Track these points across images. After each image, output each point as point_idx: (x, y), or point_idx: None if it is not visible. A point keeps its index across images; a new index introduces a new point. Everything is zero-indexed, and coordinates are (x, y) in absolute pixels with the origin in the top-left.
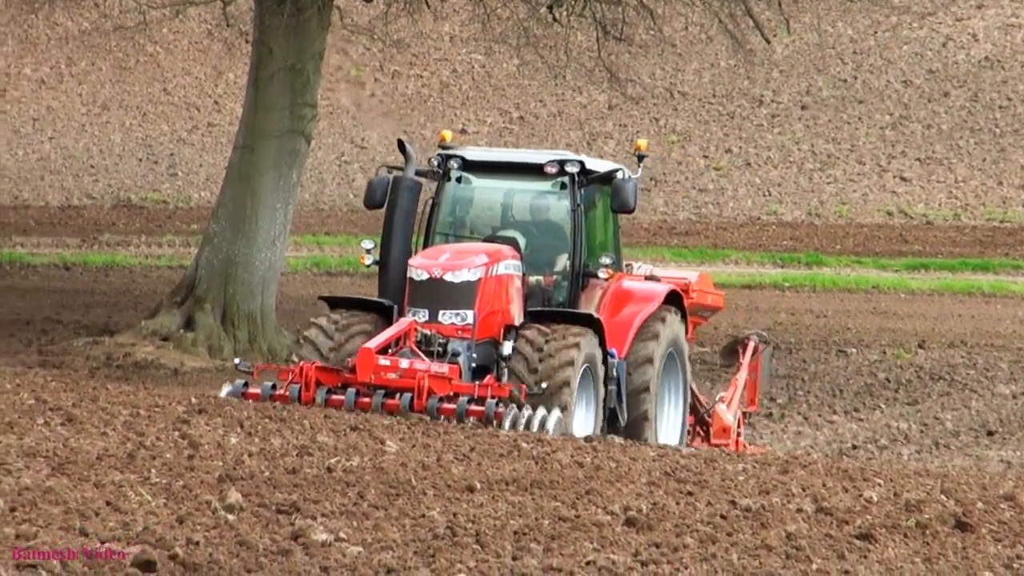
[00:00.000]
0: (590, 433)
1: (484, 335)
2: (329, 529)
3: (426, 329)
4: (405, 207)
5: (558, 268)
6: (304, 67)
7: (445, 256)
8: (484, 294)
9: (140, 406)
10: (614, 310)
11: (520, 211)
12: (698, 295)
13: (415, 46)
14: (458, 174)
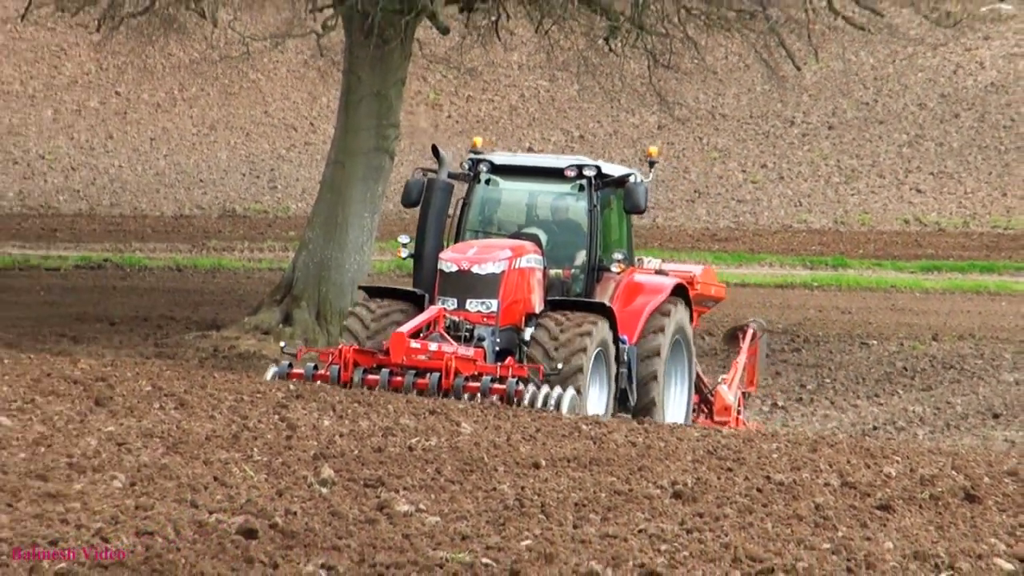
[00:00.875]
0: (602, 411)
1: (507, 322)
2: (410, 501)
3: (454, 316)
4: (438, 206)
5: (576, 262)
6: (388, 92)
7: (473, 250)
8: (507, 285)
9: (244, 392)
10: (626, 301)
11: (542, 211)
12: (702, 287)
13: (487, 73)
14: (487, 177)
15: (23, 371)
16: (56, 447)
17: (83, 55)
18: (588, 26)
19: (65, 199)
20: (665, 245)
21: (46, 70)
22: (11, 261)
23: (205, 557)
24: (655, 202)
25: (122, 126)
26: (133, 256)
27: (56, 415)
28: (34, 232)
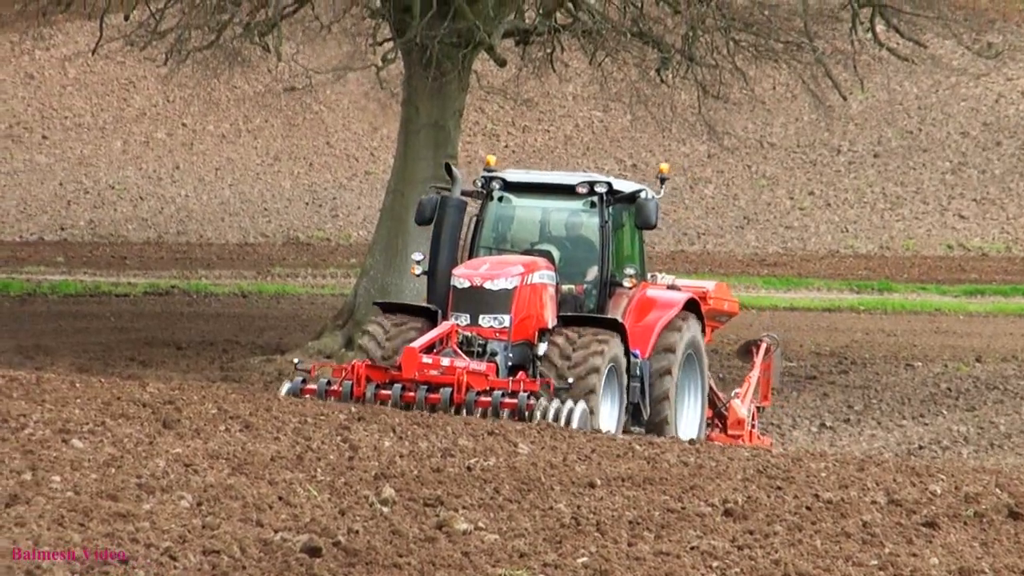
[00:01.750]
0: (614, 426)
1: (520, 337)
2: (469, 520)
3: (467, 331)
4: (452, 223)
5: (588, 278)
6: (446, 123)
7: (485, 267)
8: (520, 301)
9: (307, 415)
10: (639, 316)
11: (555, 227)
12: (715, 302)
13: (543, 104)
14: (499, 194)
15: (94, 395)
16: (126, 468)
17: (151, 88)
18: (640, 58)
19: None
20: (715, 270)
21: (116, 103)
22: (83, 288)
23: (270, 575)
24: (705, 228)
25: (188, 157)
26: (200, 283)
27: (126, 437)
28: (104, 260)
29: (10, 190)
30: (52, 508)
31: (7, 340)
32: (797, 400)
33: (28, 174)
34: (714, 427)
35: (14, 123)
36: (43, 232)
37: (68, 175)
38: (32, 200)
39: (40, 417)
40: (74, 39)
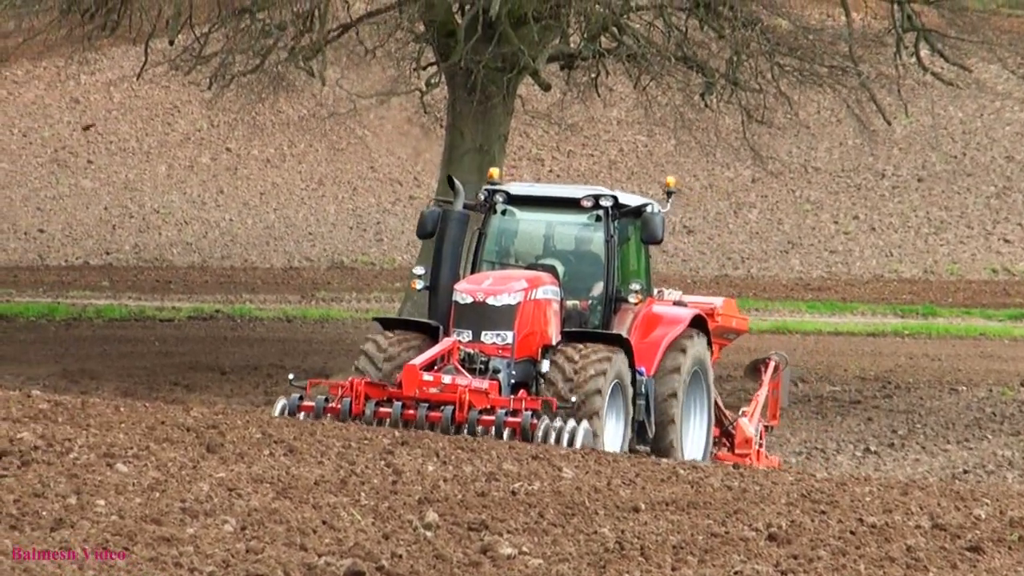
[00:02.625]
0: (619, 444)
1: (523, 354)
2: (514, 544)
3: (469, 348)
4: (454, 237)
5: (594, 294)
6: (491, 147)
7: (488, 282)
8: (523, 316)
9: (351, 439)
10: (645, 332)
11: (559, 241)
12: (723, 319)
13: (587, 129)
14: (503, 207)
15: (138, 419)
16: (170, 492)
17: (195, 112)
18: (684, 82)
19: (178, 252)
20: (759, 295)
21: (160, 127)
22: (127, 312)
23: None
24: (749, 253)
25: (233, 181)
26: (244, 307)
27: (170, 461)
28: (149, 284)
29: (56, 215)
30: (97, 532)
31: (53, 364)
32: (841, 424)
33: (74, 199)
34: (721, 446)
35: (60, 148)
36: (88, 256)
37: (113, 199)
38: (77, 225)
39: (85, 441)
40: (119, 64)
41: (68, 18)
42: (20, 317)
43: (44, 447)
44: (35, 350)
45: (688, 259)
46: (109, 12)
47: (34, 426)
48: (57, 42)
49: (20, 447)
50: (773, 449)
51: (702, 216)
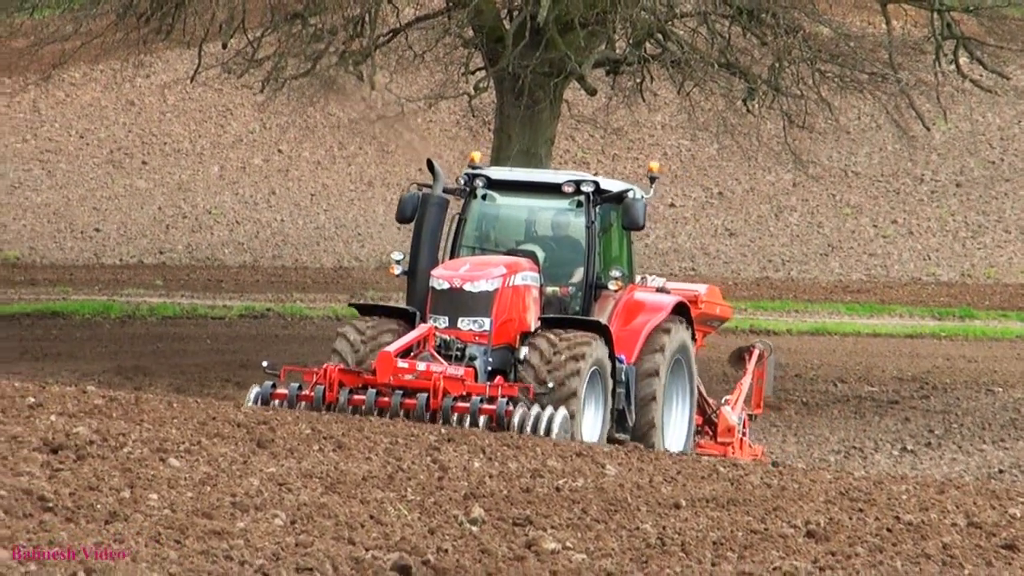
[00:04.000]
0: (597, 432)
1: (501, 341)
2: (558, 539)
3: (445, 335)
4: (433, 222)
5: (574, 280)
6: (538, 151)
7: (465, 267)
8: (501, 303)
9: (398, 435)
10: (626, 319)
11: (540, 227)
12: (707, 306)
13: (632, 133)
14: (483, 192)
15: (190, 415)
16: (221, 487)
17: (248, 115)
18: (727, 88)
19: (230, 252)
20: (799, 297)
21: (213, 129)
22: (180, 310)
23: None
24: (790, 255)
25: (284, 182)
26: (294, 306)
27: (221, 456)
28: (201, 283)
29: (111, 214)
30: (149, 525)
31: (107, 361)
32: (879, 424)
33: (128, 199)
34: (704, 434)
35: (115, 149)
36: (143, 256)
37: (167, 200)
38: (132, 224)
39: (139, 436)
40: (173, 67)
41: (124, 22)
42: (76, 315)
43: (99, 441)
44: (90, 347)
45: (730, 261)
46: (164, 16)
47: (89, 421)
48: (113, 46)
49: (76, 441)
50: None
51: (744, 219)
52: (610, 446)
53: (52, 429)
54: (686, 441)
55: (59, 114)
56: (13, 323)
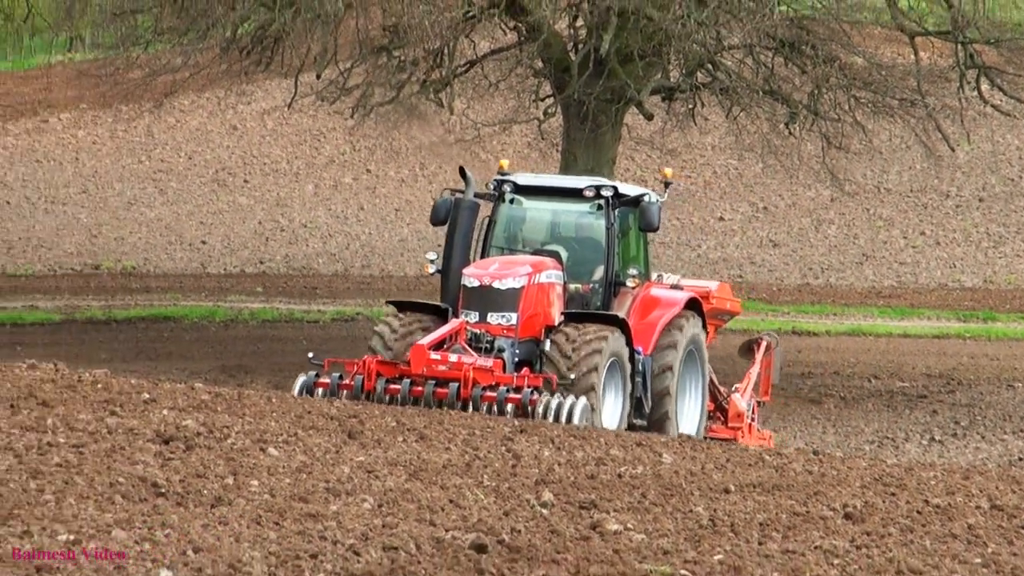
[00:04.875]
0: (617, 419)
1: (527, 334)
2: (619, 521)
3: (475, 328)
4: (465, 224)
5: (595, 278)
6: (601, 170)
7: (494, 266)
8: (527, 299)
9: (475, 428)
10: (643, 314)
11: (563, 228)
12: (717, 301)
13: (684, 153)
14: (511, 196)
15: (288, 409)
16: (315, 474)
17: (339, 138)
18: (771, 113)
19: (323, 262)
20: (836, 301)
21: (308, 151)
22: (278, 315)
23: (442, 569)
24: (828, 264)
25: (371, 199)
26: (381, 310)
27: (315, 446)
28: (297, 290)
29: (216, 228)
30: (251, 509)
31: (213, 360)
32: (910, 416)
33: (232, 214)
34: (716, 420)
35: (220, 169)
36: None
37: (266, 215)
38: (235, 237)
39: (241, 428)
40: (272, 95)
41: (228, 55)
42: (184, 319)
43: (205, 433)
44: (197, 348)
45: (774, 269)
46: (264, 50)
47: (196, 415)
48: (218, 76)
49: (184, 433)
50: (851, 437)
51: (786, 231)
52: (665, 437)
53: (164, 422)
54: (698, 427)
55: (170, 138)
56: (130, 326)
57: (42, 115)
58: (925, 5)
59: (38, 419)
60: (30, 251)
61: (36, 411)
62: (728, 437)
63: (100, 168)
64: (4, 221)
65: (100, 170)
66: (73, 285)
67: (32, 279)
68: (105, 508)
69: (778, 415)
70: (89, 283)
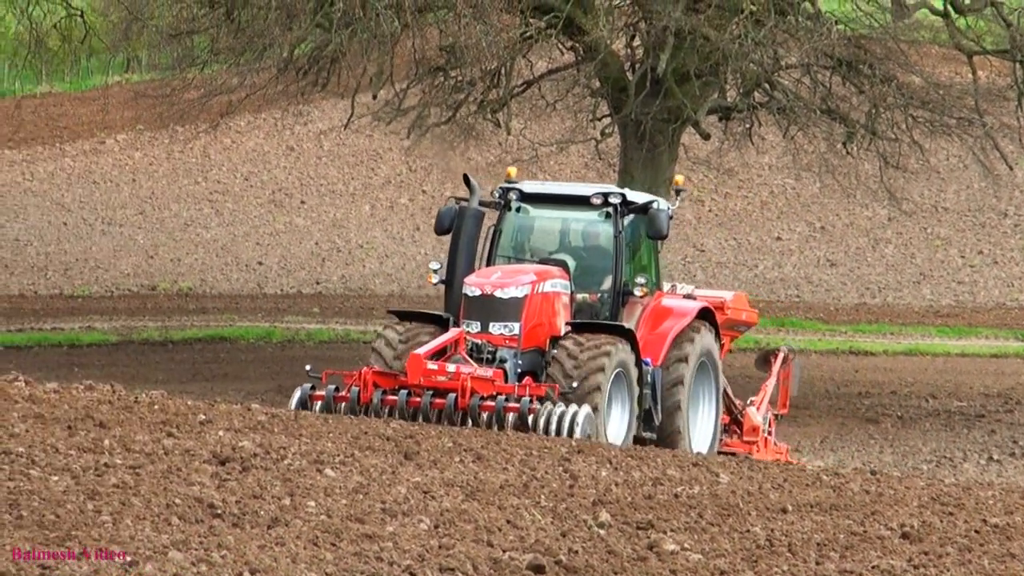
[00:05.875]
0: (624, 432)
1: (530, 344)
2: (676, 541)
3: (476, 339)
4: (469, 233)
5: (603, 287)
6: (658, 190)
7: (496, 275)
8: (530, 309)
9: (532, 448)
10: (653, 324)
11: (571, 237)
12: (733, 312)
13: (742, 173)
14: (517, 204)
15: (344, 429)
16: (372, 494)
17: (395, 159)
18: (828, 132)
19: (380, 282)
20: (894, 321)
21: (364, 172)
22: (335, 335)
23: None
24: (886, 283)
25: (428, 219)
26: None
27: (372, 467)
28: (354, 310)
29: (273, 249)
30: (308, 530)
31: (269, 381)
32: (967, 436)
33: (288, 235)
34: (731, 433)
35: (276, 190)
36: (301, 286)
37: (323, 236)
38: (292, 258)
39: (298, 449)
40: (329, 115)
41: (284, 76)
42: (241, 340)
43: (262, 454)
44: (254, 368)
45: (831, 289)
46: (320, 70)
47: (253, 435)
48: (275, 97)
49: (241, 454)
50: (908, 456)
51: (844, 251)
52: (722, 457)
53: (220, 443)
54: (711, 441)
55: (226, 159)
56: (186, 347)
57: (99, 136)
58: (983, 24)
59: (95, 440)
60: (87, 272)
61: (93, 432)
62: (742, 451)
63: (157, 189)
64: (62, 242)
65: (157, 191)
66: (130, 306)
67: (89, 300)
68: (162, 529)
69: (835, 435)
70: (146, 304)
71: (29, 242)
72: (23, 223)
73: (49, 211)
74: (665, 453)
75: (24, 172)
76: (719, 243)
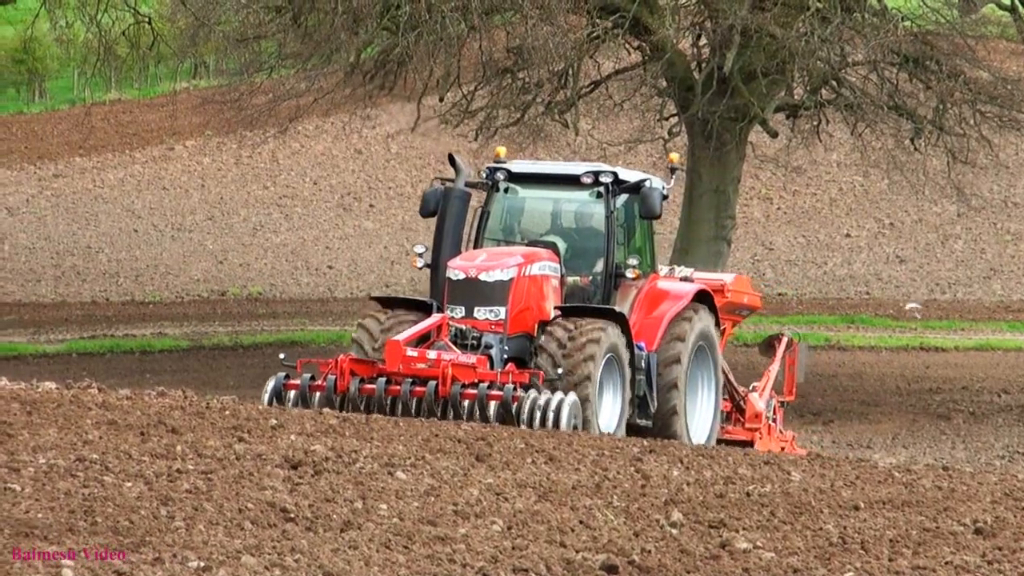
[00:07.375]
0: (616, 418)
1: (517, 329)
2: (749, 539)
3: (460, 324)
4: (455, 215)
5: (595, 269)
6: (726, 188)
7: (481, 258)
8: (517, 292)
9: (604, 448)
10: (649, 308)
11: (561, 218)
12: (733, 295)
13: (810, 171)
14: (505, 185)
15: (415, 432)
16: (443, 497)
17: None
18: (896, 128)
19: None
20: (964, 316)
21: (432, 174)
22: None
23: None
24: (955, 279)
25: None
26: None
27: (443, 469)
28: None
29: (342, 253)
30: (380, 533)
31: None
32: None
33: (357, 238)
34: (733, 420)
35: (345, 193)
36: (370, 289)
37: (392, 239)
38: (361, 261)
39: (369, 453)
40: (396, 118)
41: (351, 79)
42: (312, 344)
43: (334, 458)
44: None
45: (901, 285)
46: (387, 74)
47: (325, 440)
48: (342, 100)
49: (313, 458)
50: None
51: (913, 247)
52: (794, 455)
53: (292, 447)
54: (711, 428)
55: (295, 163)
56: (257, 352)
57: (168, 142)
58: None
59: (167, 446)
60: (158, 278)
61: (165, 438)
62: (745, 439)
63: (225, 194)
64: (132, 249)
65: (225, 196)
66: (200, 312)
67: (160, 306)
68: (235, 534)
69: (907, 431)
70: (216, 309)
71: (100, 249)
72: (94, 230)
73: (120, 218)
74: (736, 452)
75: (95, 179)
76: (788, 241)
